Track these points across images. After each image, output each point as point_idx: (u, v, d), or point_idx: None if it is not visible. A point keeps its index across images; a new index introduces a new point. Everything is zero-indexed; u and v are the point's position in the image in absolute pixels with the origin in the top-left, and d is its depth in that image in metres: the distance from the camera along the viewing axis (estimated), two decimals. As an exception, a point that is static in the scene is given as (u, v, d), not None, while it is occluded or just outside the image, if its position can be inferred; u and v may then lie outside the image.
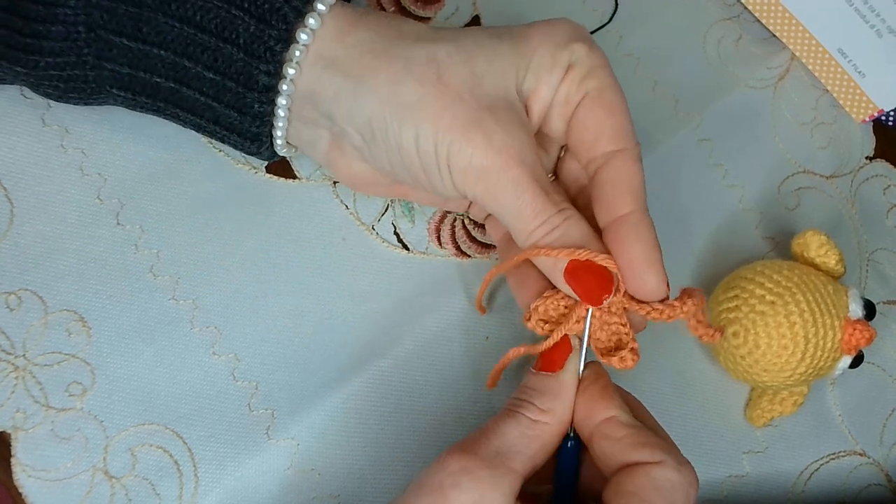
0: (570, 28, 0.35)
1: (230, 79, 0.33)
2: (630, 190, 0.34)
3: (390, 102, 0.32)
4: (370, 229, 0.42)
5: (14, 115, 0.39)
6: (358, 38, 0.33)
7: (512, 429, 0.32)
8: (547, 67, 0.34)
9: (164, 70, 0.34)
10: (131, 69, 0.34)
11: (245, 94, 0.34)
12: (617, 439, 0.32)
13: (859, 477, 0.46)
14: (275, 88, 0.33)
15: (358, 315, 0.41)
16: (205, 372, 0.38)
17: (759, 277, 0.41)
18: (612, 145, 0.35)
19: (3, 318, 0.37)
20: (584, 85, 0.34)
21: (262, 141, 0.36)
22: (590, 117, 0.35)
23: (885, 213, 0.50)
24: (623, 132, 0.35)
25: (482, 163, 0.32)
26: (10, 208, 0.38)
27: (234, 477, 0.38)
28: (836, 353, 0.41)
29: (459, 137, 0.32)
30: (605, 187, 0.35)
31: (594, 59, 0.35)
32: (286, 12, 0.32)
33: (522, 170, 0.33)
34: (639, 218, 0.34)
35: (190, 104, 0.35)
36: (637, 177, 0.35)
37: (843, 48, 0.49)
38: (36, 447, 0.36)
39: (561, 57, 0.34)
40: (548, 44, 0.34)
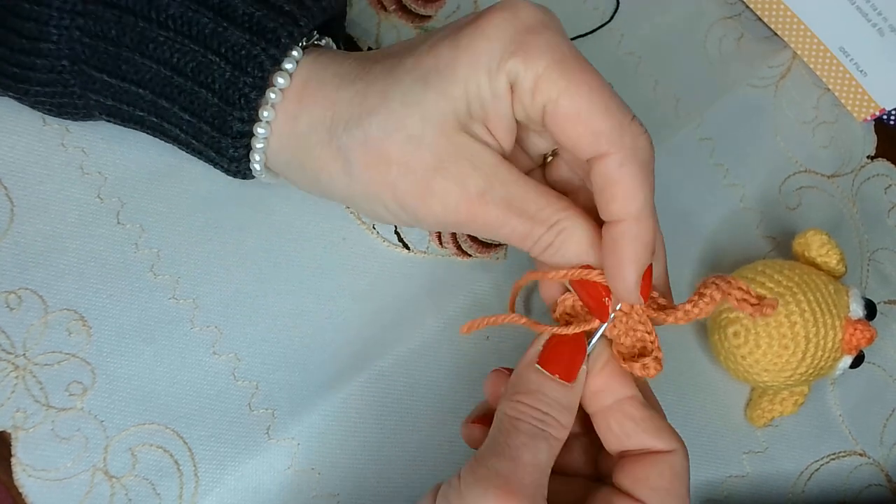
0: (499, 39, 0.31)
1: (205, 122, 0.33)
2: (620, 197, 0.31)
3: (349, 192, 0.33)
4: (371, 228, 0.42)
5: (14, 114, 0.39)
6: (305, 125, 0.33)
7: (543, 453, 0.31)
8: (488, 99, 0.31)
9: (145, 105, 0.34)
10: (114, 101, 0.34)
11: (220, 139, 0.34)
12: (636, 420, 0.32)
13: (859, 477, 0.46)
14: (249, 134, 0.33)
15: (358, 314, 0.41)
16: (205, 371, 0.38)
17: (759, 277, 0.41)
18: (590, 151, 0.31)
19: (4, 318, 0.37)
20: (537, 102, 0.31)
21: (245, 175, 0.36)
22: (559, 131, 0.32)
23: (886, 212, 0.50)
24: (596, 135, 0.31)
25: (450, 219, 0.32)
26: (11, 207, 0.38)
27: (234, 476, 0.38)
28: (836, 353, 0.41)
29: (419, 206, 0.32)
30: (596, 191, 0.32)
31: (533, 69, 0.30)
32: (262, 60, 0.32)
33: (489, 210, 0.32)
34: (627, 227, 0.32)
35: (173, 136, 0.35)
36: (626, 182, 0.31)
37: (844, 47, 0.49)
38: (36, 447, 0.36)
39: (497, 85, 0.31)
40: (478, 75, 0.31)
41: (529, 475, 0.30)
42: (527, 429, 0.31)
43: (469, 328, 0.35)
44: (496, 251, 0.43)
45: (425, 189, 0.32)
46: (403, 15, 0.45)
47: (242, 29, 0.32)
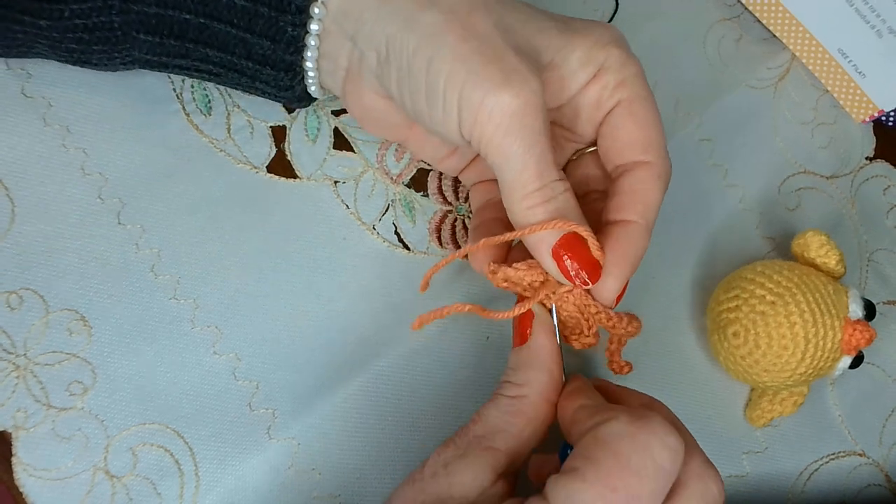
0: (611, 32, 0.35)
1: (263, 4, 0.33)
2: (642, 201, 0.35)
3: (411, 24, 0.31)
4: (371, 229, 0.42)
5: (15, 114, 0.39)
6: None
7: (492, 411, 0.33)
8: (579, 60, 0.34)
9: (194, 4, 0.33)
10: (159, 7, 0.33)
11: (278, 18, 0.33)
12: (585, 415, 0.32)
13: (859, 477, 0.46)
14: (307, 9, 0.33)
15: (359, 314, 0.41)
16: (206, 371, 0.39)
17: (759, 278, 0.41)
18: (639, 156, 0.35)
19: (4, 318, 0.37)
20: (618, 92, 0.35)
21: (296, 71, 0.35)
22: (622, 126, 0.35)
23: (885, 213, 0.50)
24: (652, 146, 0.35)
25: (497, 102, 0.30)
26: (12, 207, 0.38)
27: (235, 476, 0.38)
28: (836, 354, 0.41)
29: (476, 70, 0.30)
30: (620, 192, 0.35)
31: (630, 67, 0.35)
32: None
33: (538, 119, 0.31)
34: (639, 230, 0.35)
35: (220, 40, 0.34)
36: (654, 193, 0.35)
37: (843, 48, 0.49)
38: (37, 446, 0.36)
39: (595, 56, 0.34)
40: (586, 39, 0.34)
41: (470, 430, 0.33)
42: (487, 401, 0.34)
43: (420, 323, 0.37)
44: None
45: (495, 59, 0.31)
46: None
47: None
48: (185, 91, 0.41)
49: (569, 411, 0.33)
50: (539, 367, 0.34)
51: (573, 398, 0.34)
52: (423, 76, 0.31)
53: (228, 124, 0.41)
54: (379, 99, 0.35)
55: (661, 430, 0.30)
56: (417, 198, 0.43)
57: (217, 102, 0.41)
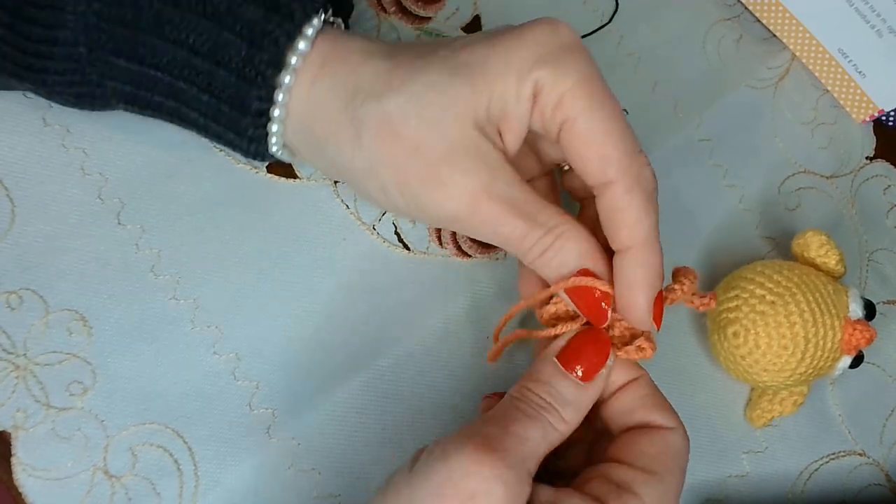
0: (536, 48, 0.32)
1: (224, 102, 0.33)
2: (625, 225, 0.32)
3: (352, 164, 0.33)
4: (371, 229, 0.42)
5: (15, 114, 0.39)
6: (320, 92, 0.33)
7: (536, 433, 0.31)
8: (511, 101, 0.32)
9: (164, 89, 0.34)
10: (133, 87, 0.34)
11: (239, 119, 0.34)
12: (642, 397, 0.34)
13: (859, 477, 0.46)
14: (267, 113, 0.33)
15: (358, 315, 0.41)
16: (205, 371, 0.39)
17: (759, 277, 0.42)
18: (599, 176, 0.32)
19: (4, 318, 0.37)
20: (557, 116, 0.32)
21: (264, 156, 0.36)
22: (572, 149, 0.32)
23: (885, 213, 0.50)
24: (609, 161, 0.32)
25: (449, 211, 0.32)
26: (12, 207, 0.38)
27: (234, 476, 0.38)
28: (836, 353, 0.41)
29: (422, 192, 0.32)
30: (603, 219, 0.33)
31: (561, 84, 0.31)
32: (278, 35, 0.32)
33: (492, 206, 0.32)
34: (634, 255, 0.33)
35: (191, 120, 0.35)
36: (631, 211, 0.32)
37: (843, 48, 0.49)
38: (36, 446, 0.36)
39: (523, 89, 0.32)
40: (508, 75, 0.31)
41: (514, 445, 0.30)
42: (524, 408, 0.32)
43: (494, 356, 0.38)
44: (496, 252, 0.43)
45: (431, 175, 0.32)
46: (403, 16, 0.45)
47: (256, 5, 0.32)
48: (185, 91, 0.41)
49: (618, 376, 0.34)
50: (583, 414, 0.33)
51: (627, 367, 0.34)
52: (385, 202, 0.34)
53: (228, 124, 0.41)
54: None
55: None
56: (417, 198, 0.43)
57: (217, 102, 0.41)
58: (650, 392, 0.34)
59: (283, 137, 0.35)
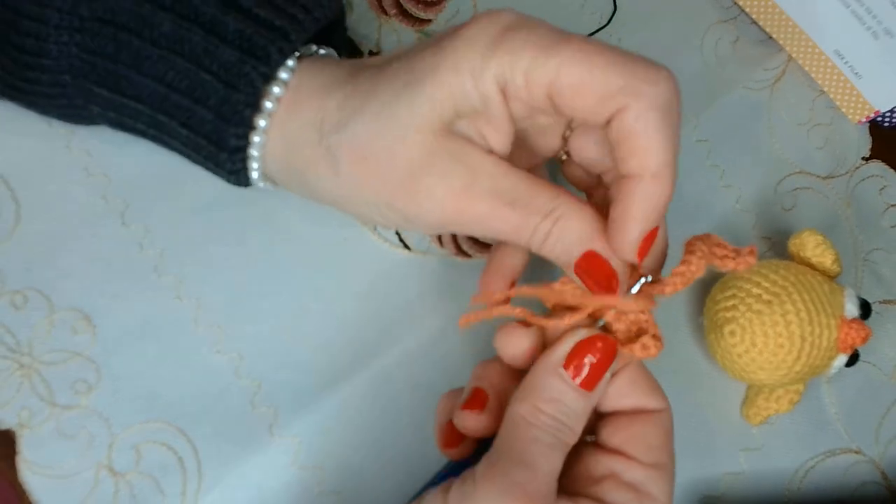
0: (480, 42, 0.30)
1: (203, 137, 0.34)
2: (635, 151, 0.30)
3: (337, 192, 0.34)
4: (372, 230, 0.42)
5: (20, 115, 0.39)
6: (293, 131, 0.33)
7: (557, 461, 0.31)
8: (476, 101, 0.30)
9: (145, 119, 0.35)
10: (116, 114, 0.35)
11: (217, 154, 0.34)
12: (633, 381, 0.34)
13: (855, 474, 0.46)
14: (244, 149, 0.34)
15: (359, 314, 0.41)
16: (208, 370, 0.39)
17: (755, 277, 0.42)
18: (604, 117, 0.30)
19: (9, 317, 0.37)
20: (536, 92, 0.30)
21: (246, 185, 0.36)
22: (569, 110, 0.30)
23: (880, 213, 0.50)
24: (602, 99, 0.29)
25: (437, 217, 0.32)
26: (16, 208, 0.38)
27: (237, 474, 0.38)
28: (831, 352, 0.42)
29: (406, 206, 0.32)
30: (617, 159, 0.31)
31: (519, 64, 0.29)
32: (254, 78, 0.33)
33: (477, 204, 0.31)
34: (642, 184, 0.30)
35: (174, 148, 0.36)
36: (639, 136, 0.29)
37: (839, 50, 0.50)
38: (41, 444, 0.36)
39: (486, 88, 0.30)
40: (462, 77, 0.30)
41: (546, 485, 0.30)
42: (545, 438, 0.31)
43: (466, 321, 0.35)
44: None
45: (410, 187, 0.32)
46: (404, 19, 0.45)
47: (233, 47, 0.33)
48: (188, 93, 0.41)
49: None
50: (587, 418, 0.33)
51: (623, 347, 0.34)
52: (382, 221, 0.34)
53: (230, 126, 0.42)
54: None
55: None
56: (417, 198, 0.43)
57: (219, 104, 0.42)
58: (642, 375, 0.34)
59: (262, 170, 0.35)
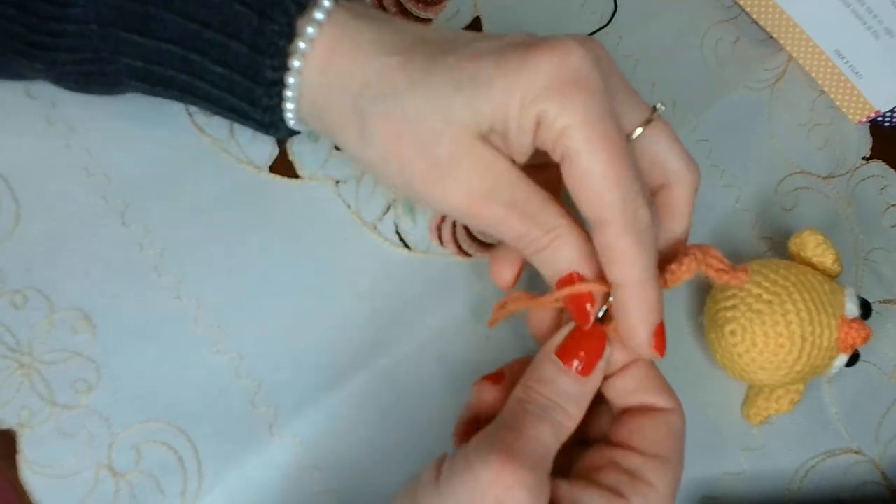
0: (541, 78, 0.31)
1: (238, 73, 0.34)
2: (618, 262, 0.32)
3: (360, 154, 0.34)
4: (372, 228, 0.42)
5: (20, 114, 0.39)
6: (329, 82, 0.33)
7: (548, 434, 0.32)
8: (513, 127, 0.31)
9: (176, 63, 0.34)
10: (145, 63, 0.34)
11: (253, 88, 0.34)
12: (643, 378, 0.34)
13: (855, 474, 0.46)
14: (281, 82, 0.34)
15: (359, 314, 0.41)
16: (208, 370, 0.39)
17: (756, 277, 0.42)
18: (592, 216, 0.32)
19: (10, 317, 0.37)
20: (558, 149, 0.31)
21: (278, 128, 0.36)
22: (569, 183, 0.32)
23: (881, 213, 0.50)
24: (601, 202, 0.31)
25: (451, 208, 0.33)
26: (16, 208, 0.38)
27: (237, 474, 0.38)
28: (832, 352, 0.42)
29: (425, 189, 0.33)
30: (599, 256, 0.33)
31: (564, 119, 0.30)
32: (288, 6, 0.32)
33: (492, 209, 0.32)
34: (630, 291, 0.33)
35: (204, 94, 0.35)
36: (621, 251, 0.32)
37: (839, 49, 0.50)
38: (41, 444, 0.37)
39: (525, 120, 0.31)
40: (511, 103, 0.31)
41: (532, 448, 0.31)
42: (533, 410, 0.33)
43: (494, 320, 0.38)
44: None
45: (433, 178, 0.32)
46: (404, 18, 0.45)
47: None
48: (188, 92, 0.41)
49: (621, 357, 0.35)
50: (585, 408, 0.34)
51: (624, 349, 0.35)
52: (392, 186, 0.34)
53: (231, 124, 0.42)
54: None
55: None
56: (418, 198, 0.43)
57: (219, 103, 0.42)
58: (650, 373, 0.35)
59: (298, 111, 0.35)
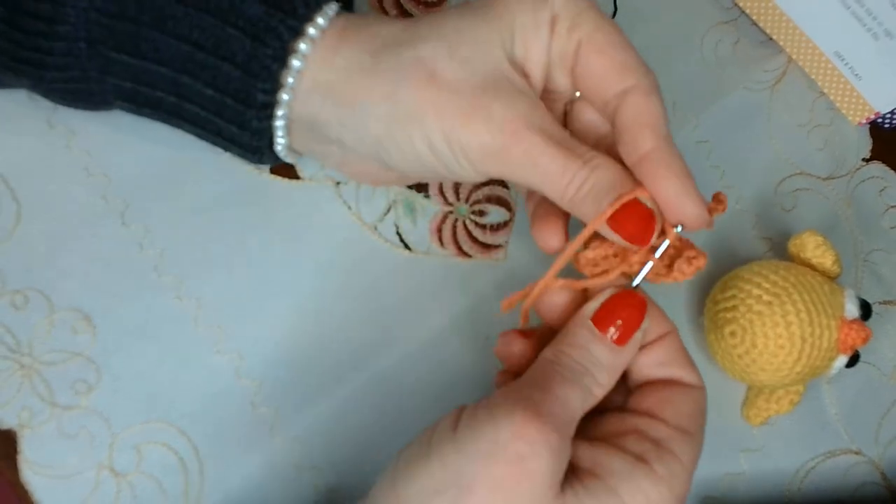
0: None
1: (229, 96, 0.34)
2: (649, 124, 0.33)
3: (393, 118, 0.33)
4: (372, 229, 0.42)
5: (20, 115, 0.39)
6: (345, 59, 0.33)
7: (577, 400, 0.32)
8: (531, 30, 0.33)
9: (165, 85, 0.34)
10: (133, 83, 0.34)
11: (244, 111, 0.34)
12: (673, 352, 0.34)
13: (855, 475, 0.46)
14: (272, 106, 0.34)
15: (360, 314, 0.41)
16: (209, 370, 0.39)
17: (756, 278, 0.42)
18: (619, 84, 0.33)
19: (10, 317, 0.37)
20: (574, 34, 0.33)
21: (263, 153, 0.36)
22: (590, 64, 0.34)
23: (880, 214, 0.50)
24: (626, 68, 0.33)
25: (492, 143, 0.32)
26: (17, 208, 0.38)
27: (239, 475, 0.38)
28: (832, 353, 0.42)
29: (465, 128, 0.32)
30: (624, 127, 0.33)
31: (573, 6, 0.33)
32: (281, 31, 0.33)
33: (532, 135, 0.32)
34: (662, 151, 0.33)
35: (192, 117, 0.35)
36: (652, 110, 0.33)
37: (839, 51, 0.50)
38: (42, 444, 0.36)
39: (541, 15, 0.33)
40: (525, 6, 0.33)
41: (559, 409, 0.31)
42: (563, 372, 0.32)
43: (508, 305, 0.36)
44: (497, 252, 0.43)
45: (472, 107, 0.32)
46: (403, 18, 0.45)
47: (259, 1, 0.33)
48: (189, 93, 0.41)
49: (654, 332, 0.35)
50: (617, 377, 0.34)
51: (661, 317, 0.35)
52: (429, 155, 0.33)
53: (231, 126, 0.42)
54: (384, 171, 0.36)
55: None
56: (419, 198, 0.43)
57: (220, 104, 0.42)
58: (680, 348, 0.35)
59: (287, 127, 0.35)
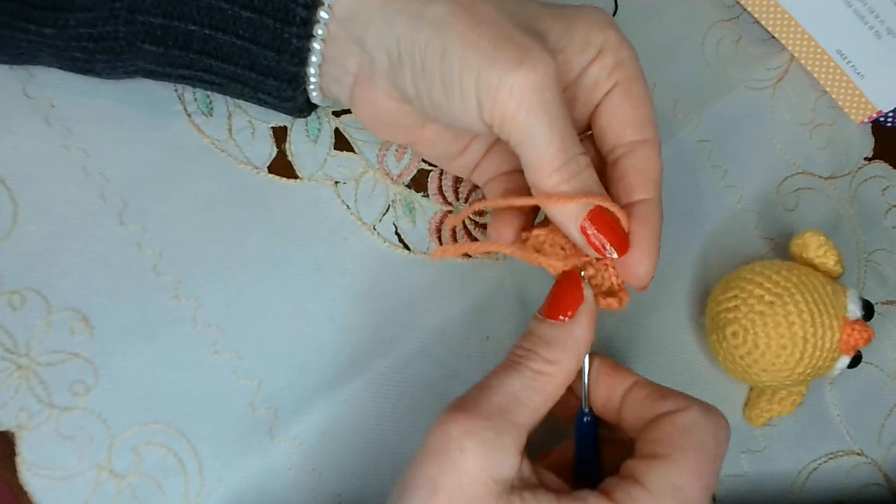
0: (605, 16, 0.36)
1: (268, 15, 0.34)
2: (651, 179, 0.35)
3: (418, 21, 0.32)
4: (371, 229, 0.42)
5: (18, 115, 0.39)
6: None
7: (514, 381, 0.32)
8: (578, 45, 0.35)
9: (199, 16, 0.34)
10: (165, 18, 0.34)
11: (283, 30, 0.34)
12: (642, 398, 0.34)
13: (857, 476, 0.46)
14: (312, 20, 0.34)
15: (359, 314, 0.41)
16: (207, 371, 0.39)
17: (757, 278, 0.42)
18: (637, 134, 0.36)
19: (7, 318, 0.37)
20: (615, 73, 0.35)
21: (299, 82, 0.35)
22: (619, 107, 0.36)
23: (883, 213, 0.50)
24: (647, 122, 0.36)
25: (516, 80, 0.31)
26: (14, 208, 0.38)
27: (238, 477, 0.38)
28: (834, 353, 0.42)
29: (491, 53, 0.31)
30: (627, 173, 0.35)
31: (625, 48, 0.36)
32: None
33: (557, 94, 0.32)
34: (653, 206, 0.35)
35: (224, 51, 0.35)
36: (658, 167, 0.36)
37: (841, 49, 0.49)
38: (40, 446, 0.36)
39: (594, 39, 0.35)
40: (584, 23, 0.35)
41: (487, 397, 0.31)
42: (504, 363, 0.33)
43: (442, 253, 0.37)
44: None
45: (506, 39, 0.32)
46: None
47: None
48: (187, 92, 0.41)
49: (619, 392, 0.35)
50: (573, 353, 0.33)
51: (620, 378, 0.35)
52: (438, 69, 0.32)
53: (230, 125, 0.41)
54: (391, 102, 0.36)
55: (726, 423, 0.33)
56: (418, 198, 0.43)
57: (218, 103, 0.41)
58: (651, 389, 0.35)
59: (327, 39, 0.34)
